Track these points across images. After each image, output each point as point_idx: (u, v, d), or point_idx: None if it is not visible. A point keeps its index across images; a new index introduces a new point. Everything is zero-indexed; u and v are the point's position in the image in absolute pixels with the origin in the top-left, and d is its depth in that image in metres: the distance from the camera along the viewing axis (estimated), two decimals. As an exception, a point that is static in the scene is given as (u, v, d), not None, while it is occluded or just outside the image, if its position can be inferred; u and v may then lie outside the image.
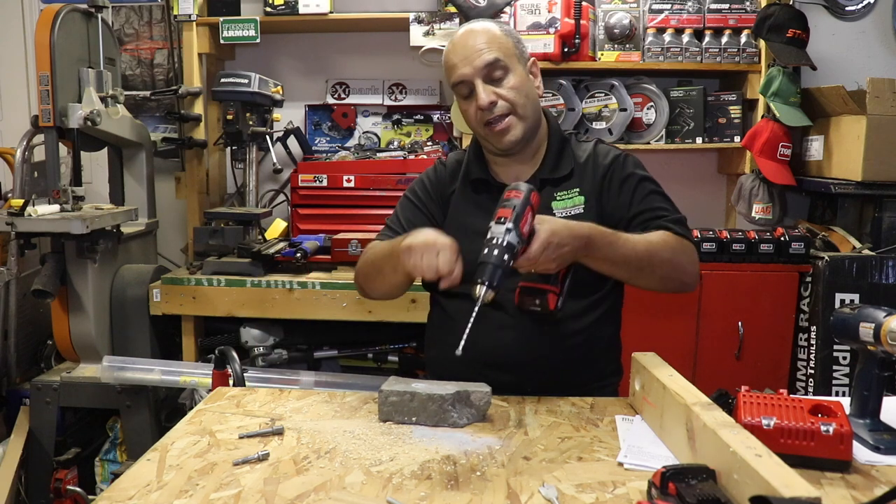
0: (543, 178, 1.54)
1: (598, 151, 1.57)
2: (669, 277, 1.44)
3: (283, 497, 1.01)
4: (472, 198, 1.58)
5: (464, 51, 1.49)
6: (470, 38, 1.50)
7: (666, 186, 1.59)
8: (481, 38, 1.49)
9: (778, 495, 0.80)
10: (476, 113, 1.50)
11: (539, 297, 1.32)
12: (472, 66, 1.47)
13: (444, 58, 1.54)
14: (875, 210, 2.58)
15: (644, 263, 1.39)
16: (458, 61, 1.49)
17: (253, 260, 2.55)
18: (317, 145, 3.14)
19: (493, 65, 1.47)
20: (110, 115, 2.50)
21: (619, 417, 1.30)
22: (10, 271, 2.49)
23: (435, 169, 1.69)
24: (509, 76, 1.49)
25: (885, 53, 2.95)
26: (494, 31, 1.52)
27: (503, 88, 1.48)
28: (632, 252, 1.37)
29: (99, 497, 1.03)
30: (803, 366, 2.54)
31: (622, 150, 1.59)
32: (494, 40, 1.49)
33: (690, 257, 1.47)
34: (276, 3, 2.84)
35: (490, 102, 1.47)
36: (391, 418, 1.28)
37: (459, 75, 1.49)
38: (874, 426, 1.18)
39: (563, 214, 1.50)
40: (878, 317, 1.15)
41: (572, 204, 1.52)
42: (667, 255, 1.41)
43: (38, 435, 2.39)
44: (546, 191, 1.53)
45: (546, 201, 1.52)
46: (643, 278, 1.42)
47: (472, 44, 1.49)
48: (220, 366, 1.51)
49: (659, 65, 2.80)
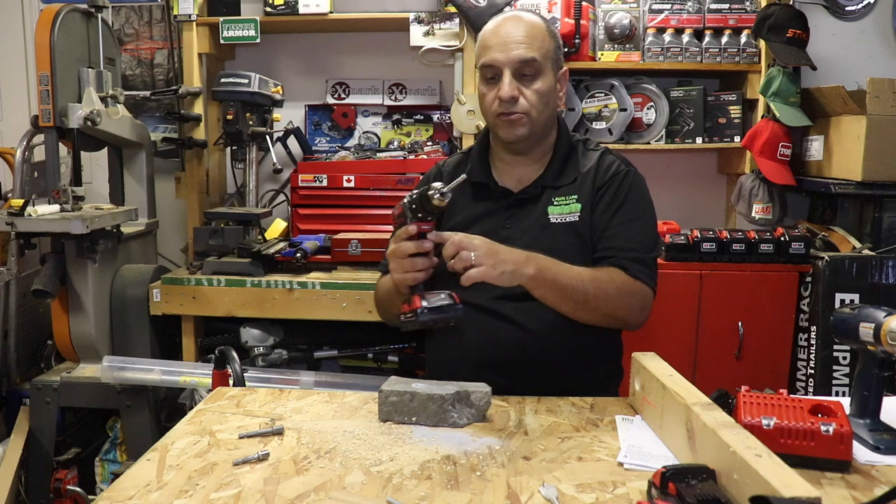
0: (546, 184, 1.53)
1: (603, 163, 1.54)
2: (612, 316, 1.44)
3: (283, 497, 1.00)
4: (472, 203, 1.57)
5: (505, 37, 1.45)
6: (515, 25, 1.46)
7: (666, 186, 1.59)
8: (526, 30, 1.46)
9: (778, 495, 0.80)
10: (494, 100, 1.48)
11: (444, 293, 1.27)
12: (507, 56, 1.45)
13: (482, 35, 1.51)
14: (875, 210, 2.58)
15: (589, 297, 1.39)
16: (495, 44, 1.46)
17: (253, 260, 2.55)
18: (317, 145, 3.14)
19: (527, 63, 1.45)
20: (110, 115, 2.50)
21: (619, 417, 1.30)
22: (10, 271, 2.49)
23: (429, 178, 1.67)
24: (539, 79, 1.47)
25: (885, 53, 2.95)
26: (541, 28, 1.49)
27: (528, 89, 1.46)
28: (578, 283, 1.37)
29: (99, 497, 1.03)
30: (803, 366, 2.54)
31: (627, 167, 1.55)
32: (538, 38, 1.46)
33: (640, 300, 1.45)
34: (276, 3, 2.84)
35: (512, 97, 1.45)
36: (391, 418, 1.28)
37: (491, 59, 1.46)
38: (874, 426, 1.18)
39: (558, 220, 1.49)
40: (878, 317, 1.15)
41: (569, 211, 1.50)
42: (611, 293, 1.41)
43: (38, 435, 2.39)
44: (546, 194, 1.52)
45: (544, 206, 1.51)
46: (586, 312, 1.41)
47: (514, 33, 1.45)
48: (220, 366, 1.51)
49: (659, 65, 2.80)
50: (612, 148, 1.62)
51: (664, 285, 1.54)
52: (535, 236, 1.49)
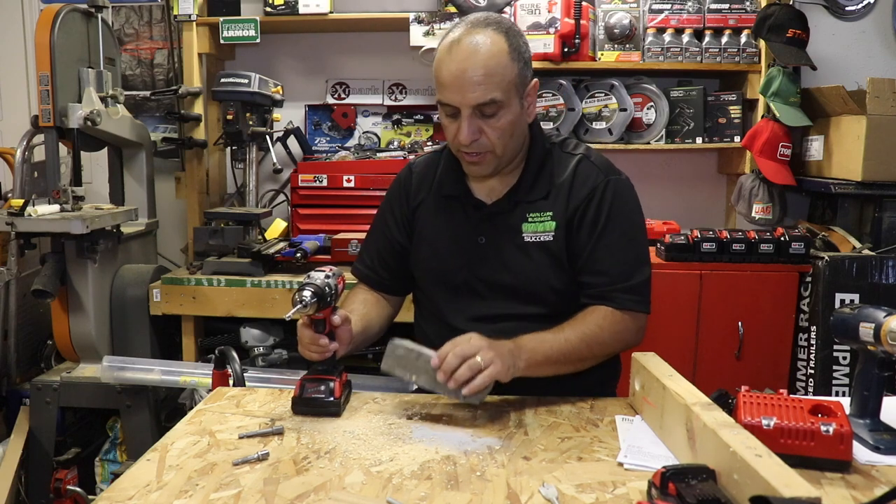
0: (518, 199, 1.47)
1: (579, 173, 1.46)
2: (610, 354, 1.46)
3: (283, 497, 1.00)
4: (443, 212, 1.52)
5: (459, 75, 1.33)
6: (471, 60, 1.33)
7: (666, 186, 1.58)
8: (484, 65, 1.32)
9: (778, 495, 0.80)
10: (454, 137, 1.40)
11: (324, 385, 1.31)
12: (464, 98, 1.34)
13: (436, 65, 1.38)
14: (875, 210, 2.58)
15: (584, 356, 1.39)
16: (450, 83, 1.35)
17: (253, 260, 2.55)
18: (317, 145, 3.15)
19: (486, 105, 1.34)
20: (110, 115, 2.50)
21: (618, 417, 1.30)
22: (10, 271, 2.49)
23: (400, 181, 1.61)
24: (501, 115, 1.36)
25: (885, 53, 2.95)
26: (500, 55, 1.34)
27: (490, 127, 1.37)
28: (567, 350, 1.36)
29: (99, 497, 1.03)
30: (803, 366, 2.54)
31: (607, 176, 1.46)
32: (497, 72, 1.33)
33: (634, 330, 1.44)
34: (276, 3, 2.84)
35: (472, 141, 1.37)
36: (392, 370, 1.30)
37: (447, 99, 1.37)
38: (874, 426, 1.18)
39: (532, 239, 1.45)
40: (878, 317, 1.15)
41: (543, 229, 1.45)
42: (604, 341, 1.40)
43: (38, 435, 2.39)
44: (519, 209, 1.47)
45: (518, 221, 1.47)
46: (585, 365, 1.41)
47: (470, 72, 1.32)
48: (220, 366, 1.51)
49: (659, 65, 2.80)
50: (612, 148, 1.60)
51: (664, 285, 1.54)
52: (510, 255, 1.46)
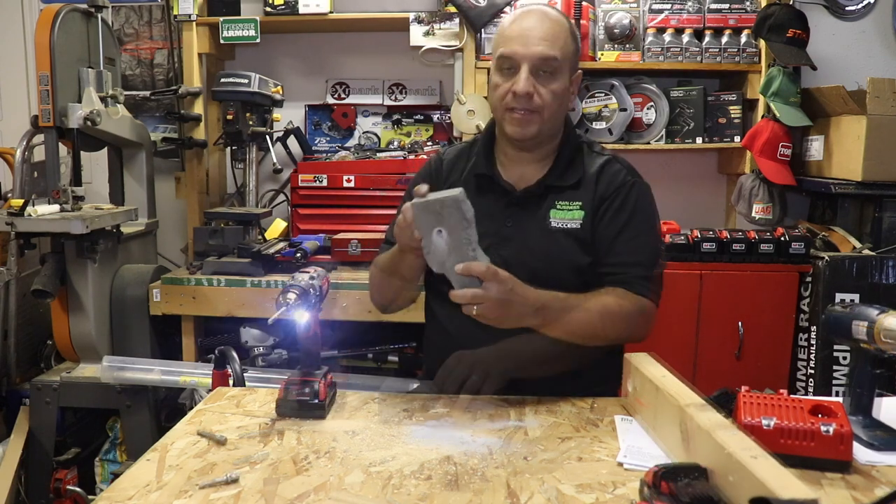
0: (549, 184, 1.50)
1: (608, 170, 1.51)
2: (619, 339, 1.46)
3: (283, 497, 1.01)
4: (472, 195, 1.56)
5: (527, 30, 1.41)
6: (539, 20, 1.42)
7: (666, 186, 1.58)
8: (551, 27, 1.41)
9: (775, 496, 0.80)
10: (507, 93, 1.43)
11: (308, 387, 1.31)
12: (528, 51, 1.40)
13: (502, 24, 1.47)
14: (875, 210, 2.58)
15: (597, 330, 1.39)
16: (516, 36, 1.41)
17: (253, 260, 2.55)
18: (317, 145, 3.14)
19: (547, 60, 1.40)
20: (110, 115, 2.50)
21: (618, 418, 1.30)
22: (10, 271, 2.49)
23: (430, 165, 1.64)
24: (555, 80, 1.43)
25: (885, 53, 2.95)
26: (565, 28, 1.44)
27: (544, 88, 1.42)
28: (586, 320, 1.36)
29: (99, 497, 1.03)
30: (803, 366, 2.54)
31: (634, 178, 1.52)
32: (560, 37, 1.42)
33: (645, 317, 1.45)
34: (276, 3, 2.84)
35: (527, 93, 1.40)
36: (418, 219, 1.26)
37: (510, 51, 1.41)
38: (868, 423, 1.18)
39: (559, 226, 1.47)
40: (871, 315, 1.15)
41: (570, 217, 1.48)
42: (618, 320, 1.41)
43: (37, 435, 2.39)
44: (549, 196, 1.50)
45: (546, 208, 1.49)
46: (594, 342, 1.41)
47: (538, 28, 1.41)
48: (220, 366, 1.51)
49: (659, 65, 2.80)
50: (612, 148, 1.61)
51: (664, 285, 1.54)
52: (536, 240, 1.48)
